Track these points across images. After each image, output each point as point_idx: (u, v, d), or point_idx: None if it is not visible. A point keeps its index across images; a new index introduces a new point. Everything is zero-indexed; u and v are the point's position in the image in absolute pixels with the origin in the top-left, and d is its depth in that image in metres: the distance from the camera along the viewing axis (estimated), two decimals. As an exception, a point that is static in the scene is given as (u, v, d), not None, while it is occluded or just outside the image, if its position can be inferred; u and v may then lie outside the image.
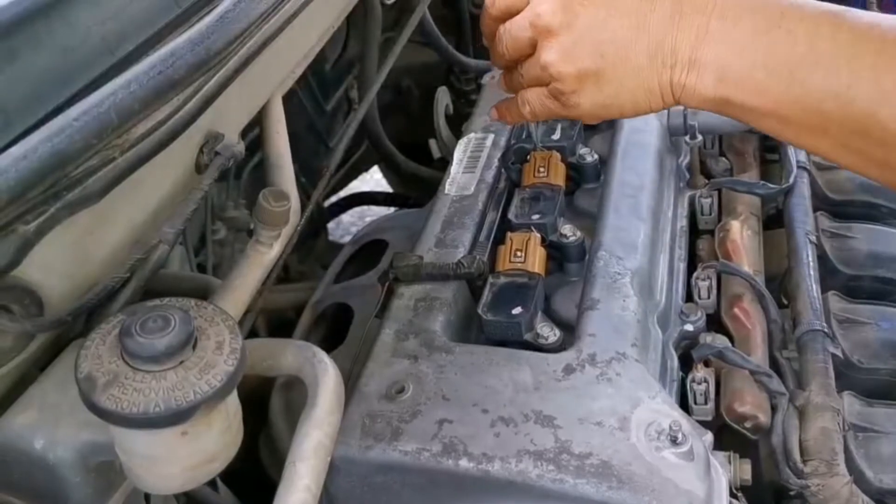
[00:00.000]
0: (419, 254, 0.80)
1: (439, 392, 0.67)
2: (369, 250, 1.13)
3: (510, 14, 0.67)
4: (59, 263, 0.52)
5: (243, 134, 0.71)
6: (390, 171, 1.62)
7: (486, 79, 1.06)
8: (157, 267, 0.57)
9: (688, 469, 0.62)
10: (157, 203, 0.60)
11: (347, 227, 2.23)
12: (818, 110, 0.58)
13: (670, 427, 0.63)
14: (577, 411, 0.65)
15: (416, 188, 1.66)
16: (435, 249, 0.81)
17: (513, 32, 0.66)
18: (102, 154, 0.48)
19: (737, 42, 0.59)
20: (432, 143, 1.55)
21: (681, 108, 0.93)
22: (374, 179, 2.11)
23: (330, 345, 1.00)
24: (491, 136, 0.95)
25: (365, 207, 2.09)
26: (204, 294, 0.66)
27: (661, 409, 0.65)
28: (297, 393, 0.66)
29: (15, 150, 0.44)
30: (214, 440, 0.49)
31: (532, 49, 0.66)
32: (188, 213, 0.59)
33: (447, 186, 0.89)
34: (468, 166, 0.91)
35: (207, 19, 0.56)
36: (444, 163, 1.60)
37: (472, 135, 0.96)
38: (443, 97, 1.08)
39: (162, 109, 0.52)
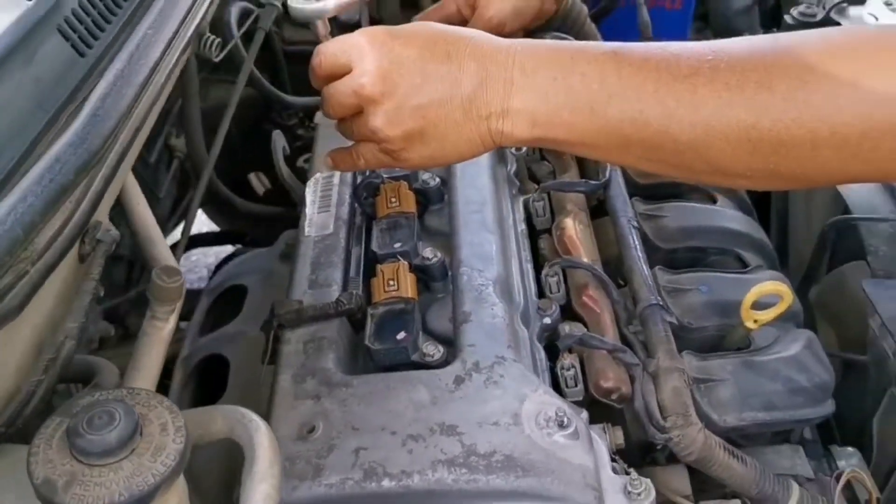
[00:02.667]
0: (296, 298, 0.85)
1: (348, 424, 0.73)
2: (227, 297, 1.15)
3: (334, 76, 0.74)
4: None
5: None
6: (222, 212, 1.63)
7: (318, 118, 1.13)
8: (67, 363, 0.59)
9: (576, 447, 0.72)
10: (52, 301, 0.61)
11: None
12: (620, 135, 0.69)
13: (556, 414, 0.72)
14: (474, 416, 0.72)
15: (250, 226, 1.68)
16: (310, 291, 0.86)
17: (337, 97, 0.74)
18: (14, 269, 0.50)
19: (540, 90, 0.69)
20: (252, 178, 1.58)
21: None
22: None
23: (207, 398, 1.02)
24: (337, 175, 1.01)
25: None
26: (91, 376, 0.68)
27: (544, 399, 0.74)
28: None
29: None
30: (170, 516, 0.52)
31: (359, 109, 0.73)
32: (86, 305, 0.61)
33: (306, 228, 0.94)
34: (322, 206, 0.97)
35: (79, 120, 0.59)
36: (273, 197, 1.63)
37: (318, 175, 1.01)
38: (279, 140, 1.12)
39: (58, 215, 0.54)
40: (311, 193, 0.99)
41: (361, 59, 0.70)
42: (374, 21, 1.50)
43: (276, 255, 1.13)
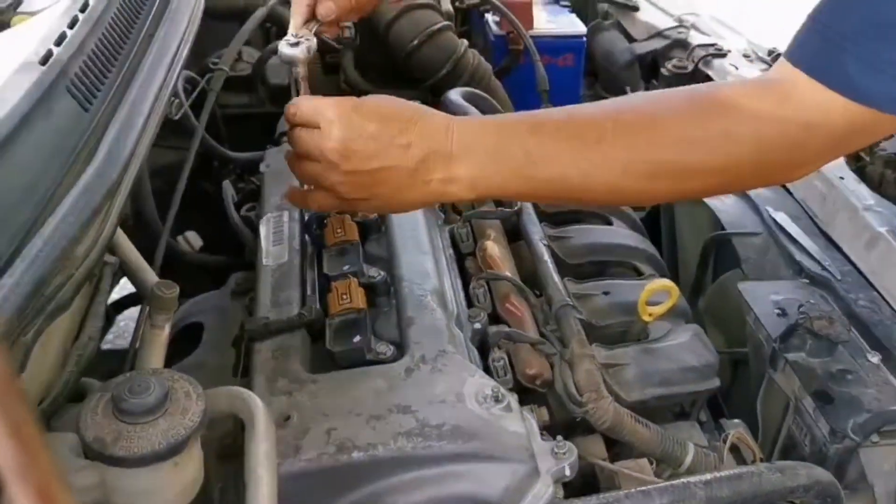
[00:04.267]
0: (263, 315, 0.98)
1: (319, 411, 0.85)
2: (185, 334, 1.26)
3: (306, 125, 0.88)
4: (33, 369, 0.65)
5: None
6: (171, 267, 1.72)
7: (263, 168, 1.27)
8: (91, 358, 0.71)
9: (510, 417, 0.86)
10: (76, 308, 0.73)
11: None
12: (547, 190, 0.88)
13: (492, 391, 0.87)
14: (424, 397, 0.87)
15: (191, 278, 1.78)
16: (273, 310, 0.99)
17: (303, 145, 0.88)
18: (65, 272, 0.62)
19: (475, 161, 0.86)
20: (181, 240, 1.65)
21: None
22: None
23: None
24: (286, 212, 1.15)
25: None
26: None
27: (481, 381, 0.89)
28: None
29: (6, 280, 0.58)
30: (194, 468, 0.65)
31: (318, 161, 0.87)
32: (102, 312, 0.73)
33: (264, 260, 1.07)
34: (276, 240, 1.10)
35: (99, 157, 0.72)
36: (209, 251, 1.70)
37: (269, 215, 1.15)
38: (228, 190, 1.25)
39: (91, 233, 0.67)
40: (264, 230, 1.12)
41: (329, 126, 0.85)
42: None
43: (228, 293, 1.25)
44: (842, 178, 1.39)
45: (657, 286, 1.04)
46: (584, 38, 1.77)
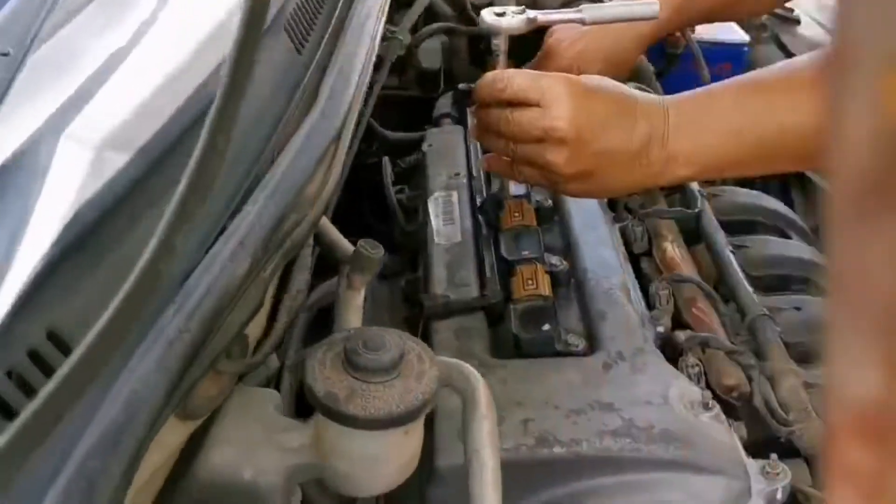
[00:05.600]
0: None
1: (511, 399, 0.78)
2: (323, 314, 1.21)
3: (519, 102, 0.82)
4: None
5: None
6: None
7: (425, 147, 1.21)
8: (300, 309, 0.65)
9: (720, 427, 0.78)
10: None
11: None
12: (765, 149, 0.82)
13: (702, 398, 0.79)
14: (626, 396, 0.79)
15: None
16: (449, 289, 0.93)
17: (523, 125, 0.82)
18: (299, 210, 0.57)
19: (691, 135, 0.81)
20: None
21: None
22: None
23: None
24: (454, 193, 1.09)
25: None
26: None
27: (686, 386, 0.81)
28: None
29: (250, 207, 0.52)
30: (418, 441, 0.58)
31: (538, 141, 0.82)
32: (309, 264, 0.68)
33: (436, 238, 1.01)
34: (446, 220, 1.04)
35: (321, 100, 0.66)
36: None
37: (437, 194, 1.09)
38: (388, 167, 1.20)
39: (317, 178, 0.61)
40: (434, 209, 1.06)
41: (556, 103, 0.80)
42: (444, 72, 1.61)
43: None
44: None
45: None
46: (747, 48, 1.67)
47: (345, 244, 0.79)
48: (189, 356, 0.43)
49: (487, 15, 0.88)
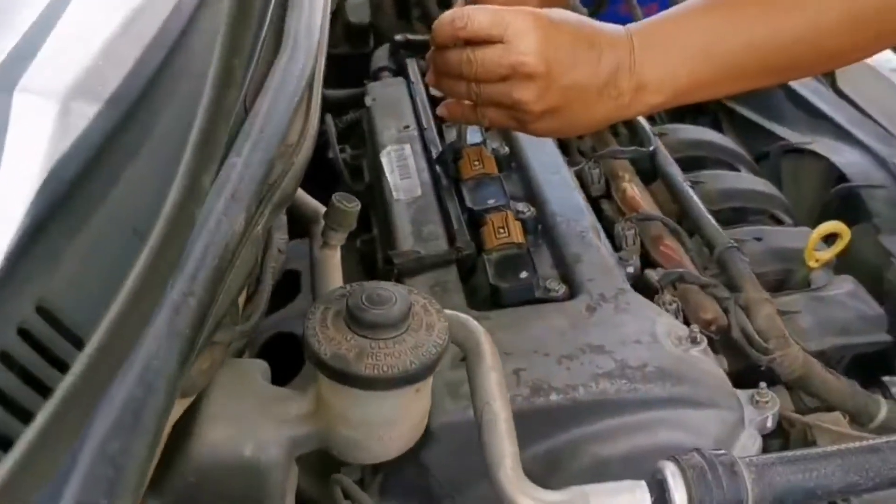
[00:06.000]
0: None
1: (500, 350, 0.75)
2: (281, 282, 1.15)
3: (481, 40, 0.78)
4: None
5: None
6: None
7: (369, 101, 1.16)
8: (281, 268, 0.61)
9: (709, 361, 0.77)
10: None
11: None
12: (736, 65, 0.79)
13: (690, 332, 0.77)
14: (615, 337, 0.77)
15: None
16: (418, 244, 0.89)
17: (487, 64, 0.78)
18: (283, 160, 0.52)
19: (659, 61, 0.79)
20: None
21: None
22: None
23: (279, 377, 1.02)
24: (407, 146, 1.04)
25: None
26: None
27: (671, 322, 0.80)
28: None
29: (234, 159, 0.47)
30: (428, 397, 0.54)
31: (505, 79, 0.78)
32: (285, 223, 0.63)
33: (394, 194, 0.97)
34: (402, 174, 1.00)
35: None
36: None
37: (389, 148, 1.04)
38: (332, 125, 1.15)
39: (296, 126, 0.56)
40: (387, 164, 1.01)
41: (521, 37, 0.76)
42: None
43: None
44: (970, 130, 1.31)
45: (829, 227, 0.95)
46: (673, -13, 1.67)
47: (312, 202, 0.74)
48: (197, 322, 0.38)
49: None
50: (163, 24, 0.49)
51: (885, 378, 0.99)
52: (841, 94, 1.47)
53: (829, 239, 0.96)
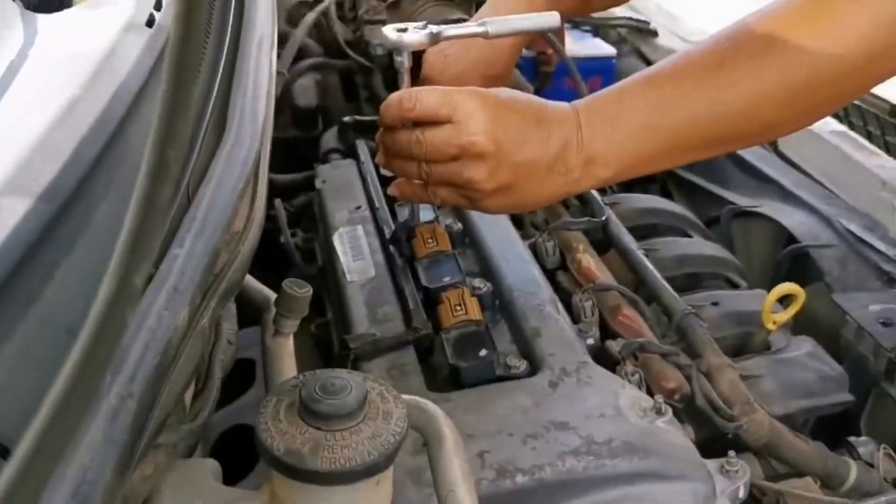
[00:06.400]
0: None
1: (463, 432, 0.72)
2: (233, 371, 1.12)
3: (429, 121, 0.79)
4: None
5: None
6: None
7: (319, 184, 1.15)
8: (230, 367, 0.58)
9: (676, 431, 0.76)
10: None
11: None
12: (681, 138, 0.81)
13: (654, 403, 0.76)
14: (580, 412, 0.75)
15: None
16: (373, 327, 0.87)
17: (436, 145, 0.78)
18: (228, 248, 0.50)
19: (604, 137, 0.80)
20: None
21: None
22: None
23: (233, 472, 0.98)
24: (359, 227, 1.03)
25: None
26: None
27: (635, 393, 0.78)
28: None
29: (177, 250, 0.46)
30: (389, 487, 0.52)
31: (455, 159, 0.78)
32: (235, 312, 0.61)
33: (348, 276, 0.95)
34: (355, 256, 0.98)
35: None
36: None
37: (341, 230, 1.03)
38: (282, 209, 1.13)
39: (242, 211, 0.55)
40: (339, 246, 1.00)
41: (470, 117, 0.76)
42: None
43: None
44: (909, 187, 1.34)
45: (785, 289, 0.95)
46: (614, 60, 1.71)
47: (262, 289, 0.72)
48: (138, 426, 0.36)
49: (389, 31, 0.84)
50: (101, 114, 0.48)
51: (851, 438, 0.99)
52: (784, 157, 1.51)
53: (785, 300, 0.97)
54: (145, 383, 0.37)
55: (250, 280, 0.74)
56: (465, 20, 1.39)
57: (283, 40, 1.40)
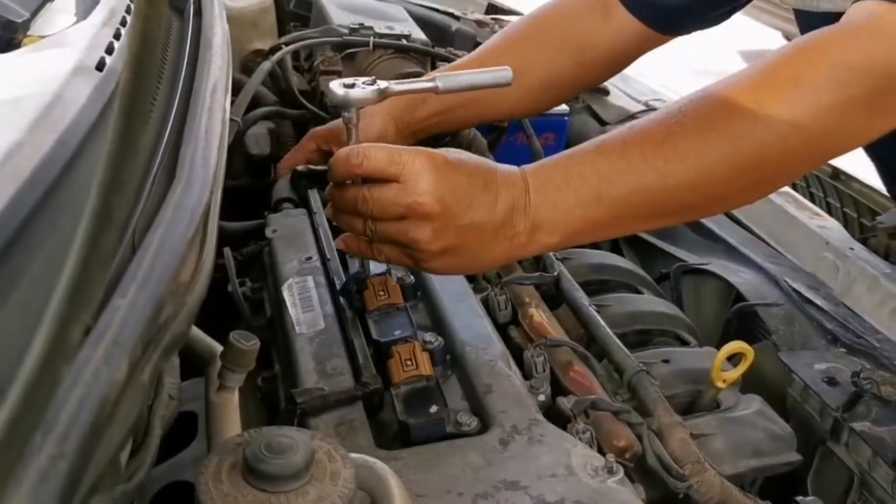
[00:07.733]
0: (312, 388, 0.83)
1: (410, 492, 0.71)
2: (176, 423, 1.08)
3: (376, 178, 0.78)
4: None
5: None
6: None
7: (269, 233, 1.13)
8: (174, 415, 0.56)
9: (627, 490, 0.75)
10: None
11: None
12: (628, 208, 0.82)
13: (606, 462, 0.75)
14: (531, 471, 0.74)
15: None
16: (322, 381, 0.85)
17: (383, 203, 0.78)
18: (174, 299, 0.48)
19: (551, 202, 0.81)
20: None
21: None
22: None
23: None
24: (309, 278, 1.01)
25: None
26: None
27: (586, 452, 0.77)
28: None
29: (118, 301, 0.44)
30: (336, 553, 0.50)
31: (401, 218, 0.78)
32: (178, 365, 0.59)
33: (296, 328, 0.93)
34: (305, 307, 0.96)
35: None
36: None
37: (291, 280, 1.01)
38: (231, 259, 1.11)
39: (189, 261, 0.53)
40: (289, 297, 0.98)
41: (418, 177, 0.76)
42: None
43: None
44: (852, 248, 1.37)
45: (734, 347, 0.95)
46: (567, 118, 1.73)
47: (207, 340, 0.70)
48: (69, 489, 0.34)
49: (337, 87, 0.84)
50: (43, 159, 0.46)
51: (798, 498, 0.99)
52: (731, 216, 1.54)
53: (734, 358, 0.97)
54: (79, 443, 0.35)
55: (195, 331, 0.72)
56: (420, 74, 1.40)
57: (237, 88, 1.39)
